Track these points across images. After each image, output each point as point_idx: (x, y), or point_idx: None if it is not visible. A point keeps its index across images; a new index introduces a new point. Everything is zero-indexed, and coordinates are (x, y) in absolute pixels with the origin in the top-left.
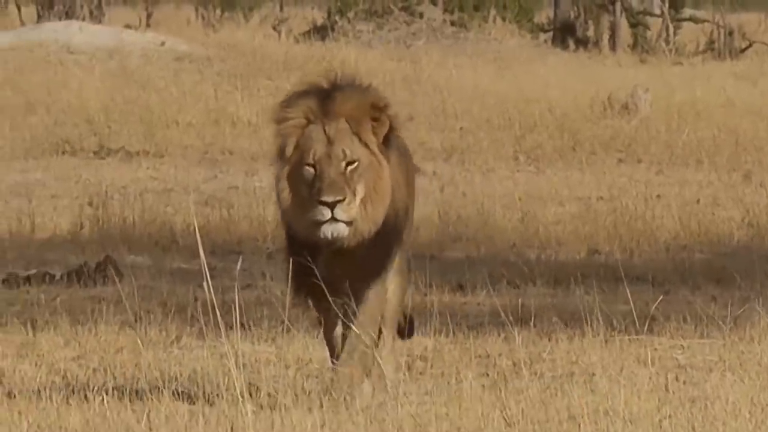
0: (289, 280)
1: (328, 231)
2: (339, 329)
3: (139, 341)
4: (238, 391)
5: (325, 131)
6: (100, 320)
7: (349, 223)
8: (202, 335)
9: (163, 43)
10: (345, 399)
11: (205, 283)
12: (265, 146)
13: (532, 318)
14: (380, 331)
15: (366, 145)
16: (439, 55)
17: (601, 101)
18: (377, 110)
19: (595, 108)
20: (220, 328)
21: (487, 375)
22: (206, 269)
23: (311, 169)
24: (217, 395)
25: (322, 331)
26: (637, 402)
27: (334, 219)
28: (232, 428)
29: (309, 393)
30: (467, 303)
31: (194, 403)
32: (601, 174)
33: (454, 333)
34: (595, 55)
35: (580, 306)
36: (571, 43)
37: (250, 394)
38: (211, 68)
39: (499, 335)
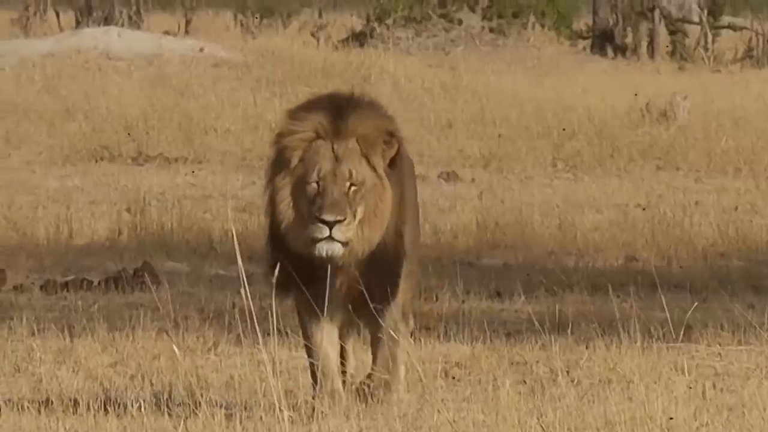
0: (275, 287)
1: (323, 249)
2: (334, 354)
3: (176, 348)
4: (275, 398)
5: (333, 149)
6: (138, 327)
7: (345, 244)
8: (240, 342)
9: (201, 50)
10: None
11: (242, 290)
12: None
13: (570, 325)
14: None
15: (373, 168)
16: (478, 62)
17: (640, 108)
18: (390, 135)
19: (634, 115)
20: (257, 335)
21: (524, 382)
22: (244, 276)
23: (314, 186)
24: (254, 402)
25: (306, 348)
26: (674, 409)
27: (331, 238)
28: None
29: (346, 399)
30: (504, 310)
31: (231, 410)
32: (639, 181)
33: (491, 340)
34: (634, 63)
35: (618, 313)
36: (610, 51)
37: (288, 401)
38: (250, 75)
39: (536, 342)
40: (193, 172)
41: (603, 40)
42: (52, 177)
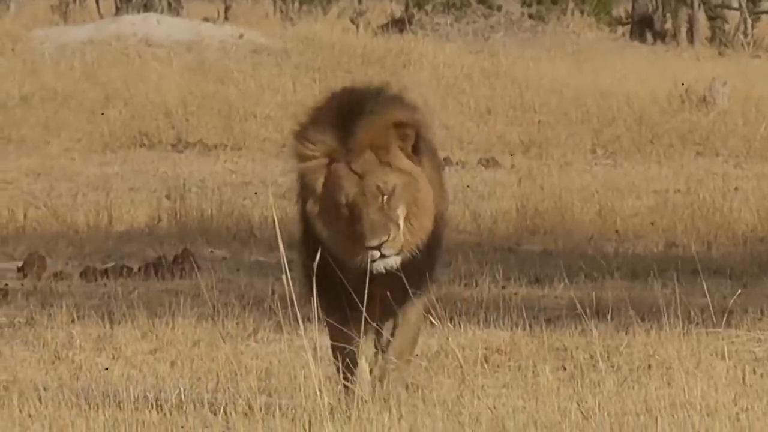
0: (315, 296)
1: (380, 266)
2: (370, 351)
3: (217, 334)
4: (315, 385)
5: (352, 169)
6: (178, 313)
7: (399, 252)
8: (280, 328)
9: (241, 36)
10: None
11: (283, 276)
12: None
13: (610, 311)
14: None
15: (399, 170)
16: (517, 49)
17: (679, 94)
18: (401, 126)
19: (673, 101)
20: (297, 321)
21: (564, 368)
22: (285, 262)
23: (346, 210)
24: (295, 389)
25: (343, 349)
26: (714, 395)
27: (383, 256)
28: (309, 422)
29: (386, 386)
30: (544, 296)
31: (271, 397)
32: (679, 167)
33: (531, 326)
34: (673, 49)
35: (658, 299)
36: (649, 37)
37: (328, 388)
38: (289, 61)
39: (576, 328)
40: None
41: (642, 26)
42: (91, 164)
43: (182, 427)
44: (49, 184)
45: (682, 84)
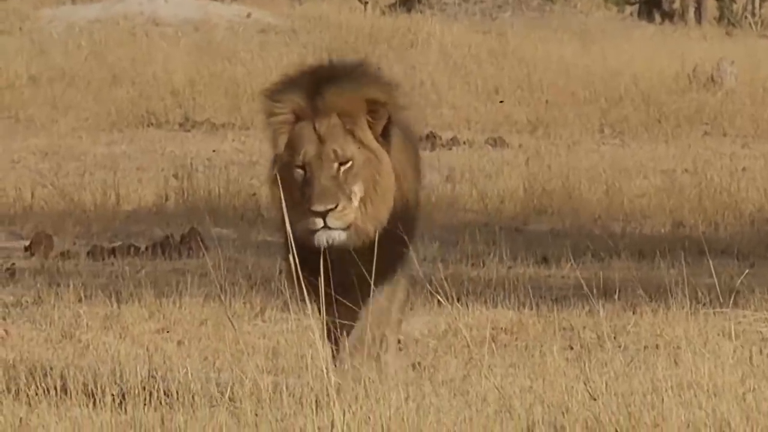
0: (291, 279)
1: (322, 239)
2: (345, 331)
3: (224, 313)
4: (322, 364)
5: (315, 129)
6: (185, 292)
7: (345, 228)
8: (287, 308)
9: (248, 15)
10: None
11: (290, 255)
12: None
13: (617, 291)
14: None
15: (361, 142)
16: (525, 28)
17: (687, 74)
18: (373, 104)
19: (681, 81)
20: (304, 301)
21: (571, 348)
22: (292, 241)
23: (301, 171)
24: (302, 368)
25: (325, 332)
26: (722, 375)
27: (327, 227)
28: (316, 401)
29: (394, 365)
30: (551, 276)
31: (278, 376)
32: (686, 147)
33: (538, 306)
34: (681, 28)
35: (665, 279)
36: (657, 16)
37: (335, 367)
38: (297, 40)
39: (583, 308)
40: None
41: (650, 6)
42: (99, 143)
43: (189, 405)
44: (56, 163)
45: (694, 70)
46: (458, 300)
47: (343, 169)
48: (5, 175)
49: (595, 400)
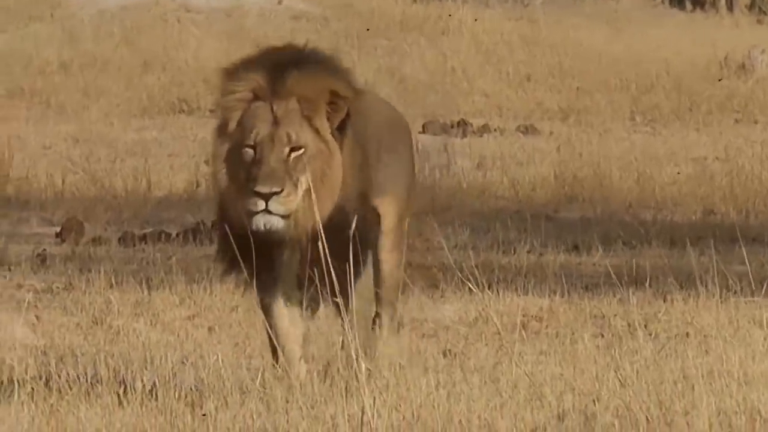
0: (221, 259)
1: (260, 222)
2: (298, 331)
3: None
4: (352, 351)
5: (272, 110)
6: (216, 279)
7: (285, 216)
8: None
9: (280, 2)
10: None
11: (320, 243)
12: None
13: (647, 279)
14: (377, 314)
15: (316, 131)
16: (557, 16)
17: (718, 62)
18: (335, 96)
19: (712, 69)
20: (335, 287)
21: (602, 335)
22: (321, 229)
23: (251, 152)
24: (332, 355)
25: (266, 321)
26: (752, 363)
27: (267, 211)
28: (346, 388)
29: (424, 352)
30: (582, 263)
31: (309, 363)
32: (717, 134)
33: (569, 293)
34: (712, 16)
35: (696, 267)
36: (688, 4)
37: (365, 354)
38: (328, 27)
39: (614, 296)
40: None
41: None
42: (130, 129)
43: (220, 392)
44: (87, 149)
45: (725, 58)
46: (489, 287)
47: (294, 155)
48: (37, 162)
49: (625, 387)
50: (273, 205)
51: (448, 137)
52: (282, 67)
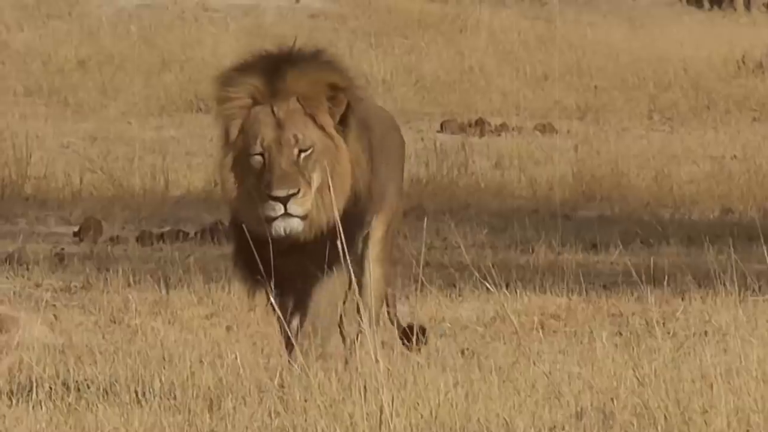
0: (238, 270)
1: (280, 227)
2: (295, 322)
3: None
4: (371, 349)
5: (274, 113)
6: (234, 278)
7: (303, 217)
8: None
9: (297, 1)
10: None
11: (338, 242)
12: (399, 104)
13: (665, 277)
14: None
15: (321, 128)
16: (574, 14)
17: (736, 60)
18: (334, 89)
19: (730, 67)
20: (353, 286)
21: (620, 334)
22: (340, 228)
23: (259, 158)
24: (350, 354)
25: (276, 323)
26: None
27: (287, 214)
28: (365, 387)
29: (442, 352)
30: (600, 262)
31: (327, 362)
32: (735, 133)
33: (587, 292)
34: (730, 14)
35: (714, 265)
36: (706, 2)
37: (384, 352)
38: (346, 26)
39: (632, 294)
40: None
41: None
42: (148, 128)
43: (238, 391)
44: (105, 148)
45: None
46: (507, 286)
47: (303, 155)
48: (54, 160)
49: (643, 386)
50: (292, 207)
51: (465, 136)
52: (276, 68)
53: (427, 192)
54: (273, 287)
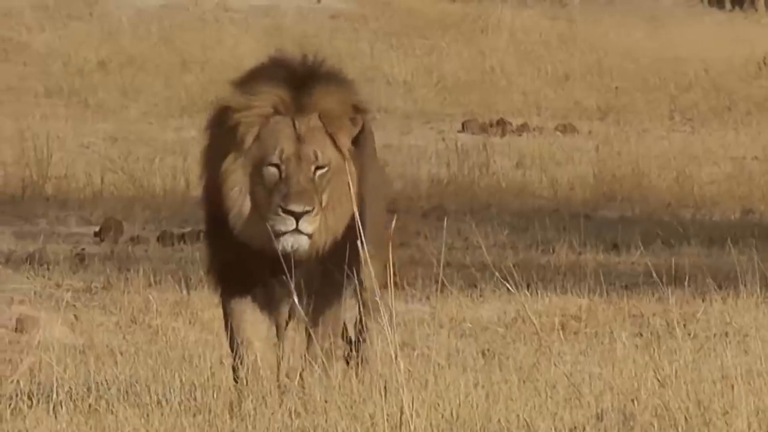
0: (214, 278)
1: (289, 243)
2: (270, 354)
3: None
4: (392, 351)
5: (295, 127)
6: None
7: (311, 236)
8: (356, 294)
9: (318, 1)
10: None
11: (359, 242)
12: (420, 104)
13: (686, 278)
14: (365, 325)
15: (338, 148)
16: (595, 14)
17: (756, 61)
18: (356, 110)
19: (750, 68)
20: (374, 287)
21: (641, 335)
22: (360, 228)
23: (275, 170)
24: (371, 354)
25: (239, 336)
26: None
27: (297, 230)
28: (385, 387)
29: (463, 352)
30: (621, 262)
31: (348, 362)
32: (756, 134)
33: (608, 293)
34: (751, 15)
35: (735, 266)
36: (727, 3)
37: (405, 353)
38: (367, 26)
39: (652, 295)
40: None
41: None
42: (168, 129)
43: (259, 392)
44: (126, 148)
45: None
46: (528, 287)
47: (318, 173)
48: (75, 161)
49: (664, 387)
50: (303, 224)
51: (486, 136)
52: (303, 81)
53: (448, 192)
54: (255, 298)
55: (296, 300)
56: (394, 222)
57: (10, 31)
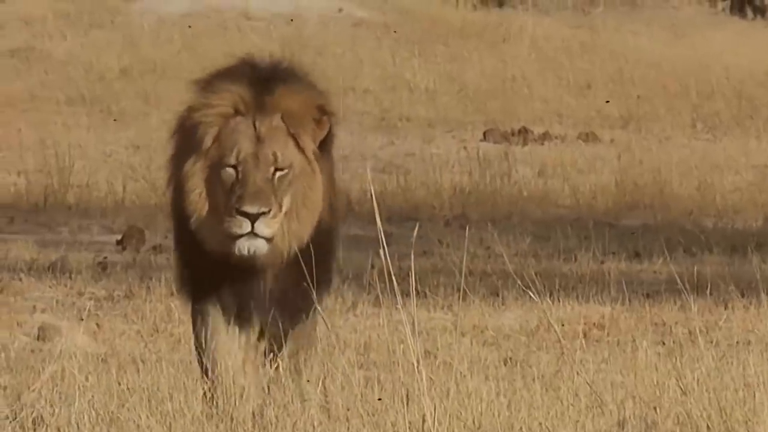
0: (185, 291)
1: (244, 247)
2: (238, 361)
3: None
4: (413, 359)
5: (255, 127)
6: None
7: (269, 240)
8: (378, 303)
9: (340, 10)
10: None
11: (381, 251)
12: (442, 113)
13: (709, 286)
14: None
15: (302, 150)
16: (616, 23)
17: None
18: (321, 112)
19: None
20: (396, 296)
21: (663, 343)
22: (383, 236)
23: (232, 171)
24: (393, 362)
25: (208, 348)
26: None
27: (253, 233)
28: (407, 395)
29: (485, 360)
30: (643, 270)
31: (369, 370)
32: None
33: (630, 301)
34: None
35: (757, 274)
36: (749, 12)
37: (426, 362)
38: (389, 34)
39: (675, 303)
40: None
41: (742, 1)
42: None
43: (281, 399)
44: (148, 156)
45: None
46: (550, 295)
47: (278, 174)
48: (97, 169)
49: (686, 395)
50: (259, 226)
51: (508, 145)
52: (265, 81)
53: (470, 201)
54: (225, 309)
55: (264, 311)
56: (416, 230)
57: (31, 39)
